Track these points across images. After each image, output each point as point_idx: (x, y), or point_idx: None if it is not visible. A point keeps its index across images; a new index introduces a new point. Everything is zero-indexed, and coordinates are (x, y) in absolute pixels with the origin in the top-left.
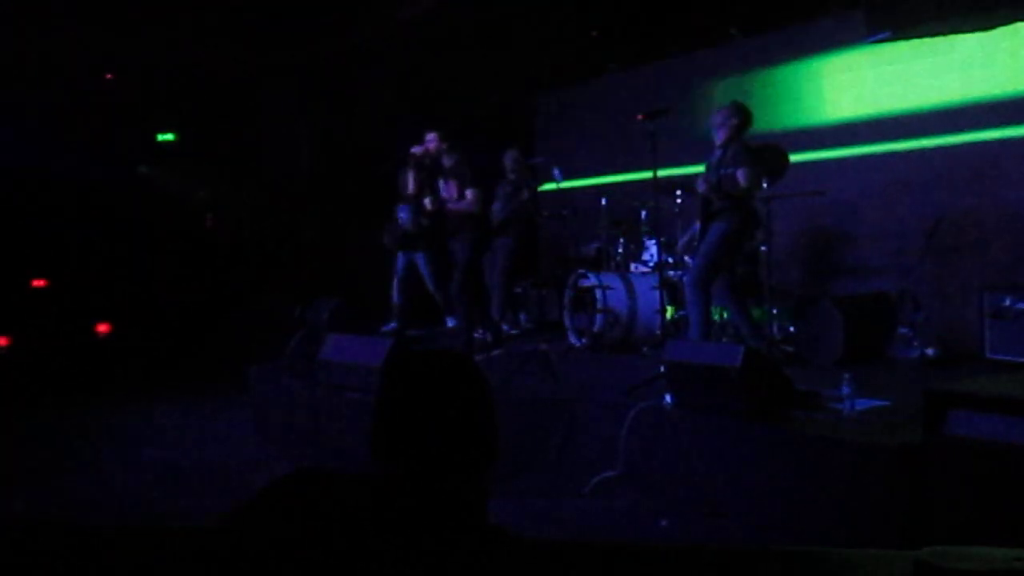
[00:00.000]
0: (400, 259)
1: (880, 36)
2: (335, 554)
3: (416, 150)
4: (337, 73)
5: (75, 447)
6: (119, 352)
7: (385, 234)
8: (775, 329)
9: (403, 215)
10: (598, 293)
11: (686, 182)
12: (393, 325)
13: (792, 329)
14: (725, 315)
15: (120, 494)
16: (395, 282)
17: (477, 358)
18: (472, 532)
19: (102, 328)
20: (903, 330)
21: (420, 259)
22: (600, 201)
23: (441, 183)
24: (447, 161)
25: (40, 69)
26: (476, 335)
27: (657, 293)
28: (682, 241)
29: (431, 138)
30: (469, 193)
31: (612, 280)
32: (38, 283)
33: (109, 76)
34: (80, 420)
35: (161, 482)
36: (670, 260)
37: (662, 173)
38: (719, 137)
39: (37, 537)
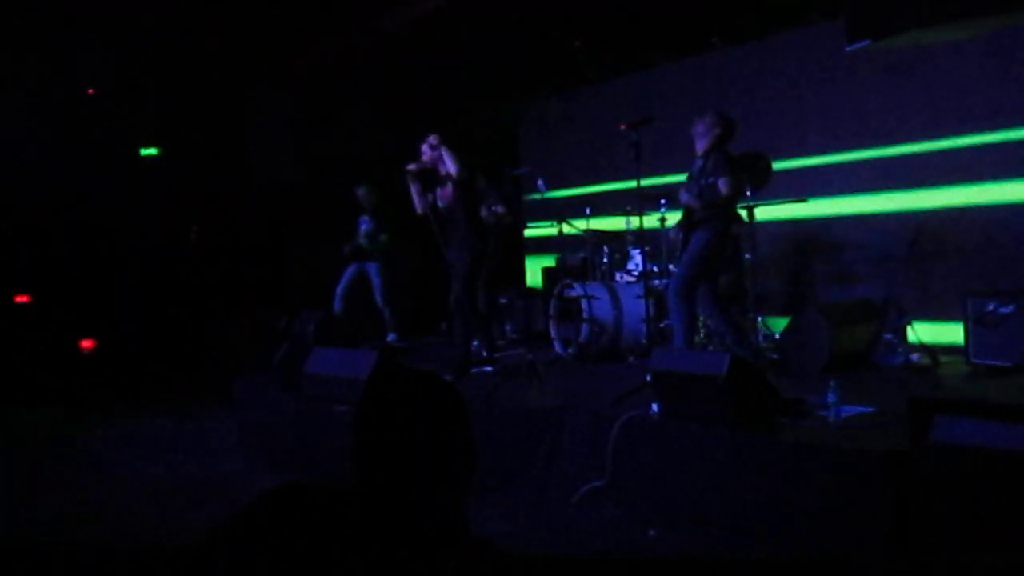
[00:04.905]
0: (350, 269)
1: (861, 44)
2: (322, 570)
3: (411, 166)
4: (322, 84)
5: (59, 463)
6: (104, 367)
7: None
8: (760, 337)
9: (363, 226)
10: (584, 303)
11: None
12: (393, 336)
13: (777, 336)
14: (709, 323)
15: (105, 510)
16: (339, 290)
17: (472, 371)
18: (459, 547)
19: (86, 344)
20: (888, 336)
21: (372, 269)
22: (585, 211)
23: (439, 192)
24: (443, 169)
25: (21, 84)
26: (472, 347)
27: (643, 302)
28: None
29: (425, 148)
30: (452, 167)
31: (598, 290)
32: (21, 299)
33: (91, 91)
34: (64, 436)
35: (146, 498)
36: (655, 269)
37: (646, 182)
38: (701, 146)
39: (21, 556)
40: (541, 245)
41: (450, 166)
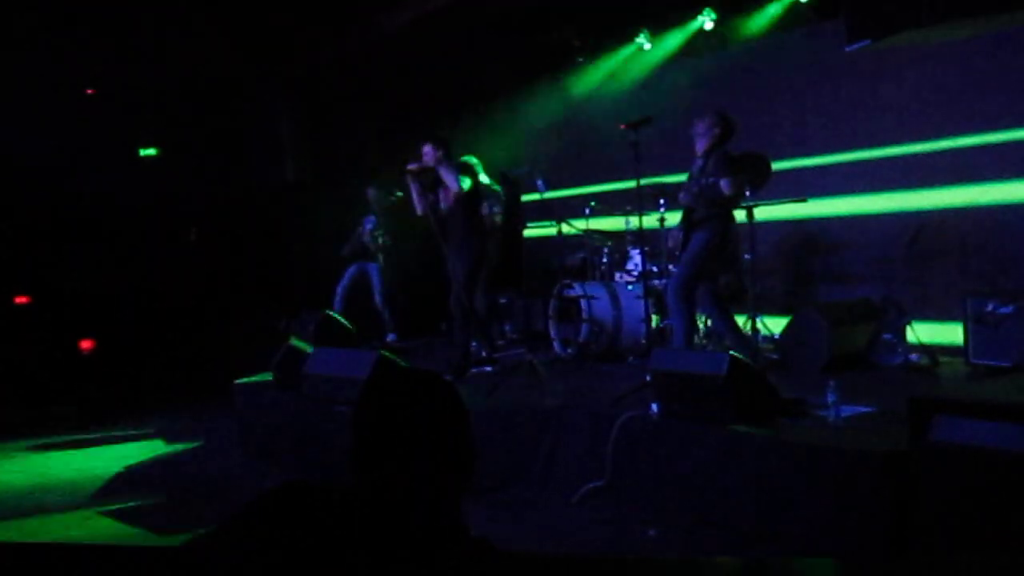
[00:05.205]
0: (351, 268)
1: (860, 44)
2: (322, 570)
3: (412, 166)
4: (321, 84)
5: (59, 464)
6: (103, 368)
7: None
8: (760, 337)
9: (368, 226)
10: (583, 303)
11: (670, 192)
12: (393, 336)
13: (777, 336)
14: (709, 323)
15: (105, 512)
16: (339, 290)
17: (472, 371)
18: (458, 547)
19: (86, 344)
20: (887, 336)
21: (373, 270)
22: (584, 211)
23: (441, 193)
24: (444, 170)
25: (20, 85)
26: (472, 348)
27: (642, 302)
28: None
29: (427, 150)
30: (451, 182)
31: (597, 290)
32: (21, 300)
33: (90, 91)
34: (64, 437)
35: (146, 499)
36: (655, 269)
37: (645, 182)
38: (701, 146)
39: (21, 556)
40: (541, 245)
41: (451, 183)
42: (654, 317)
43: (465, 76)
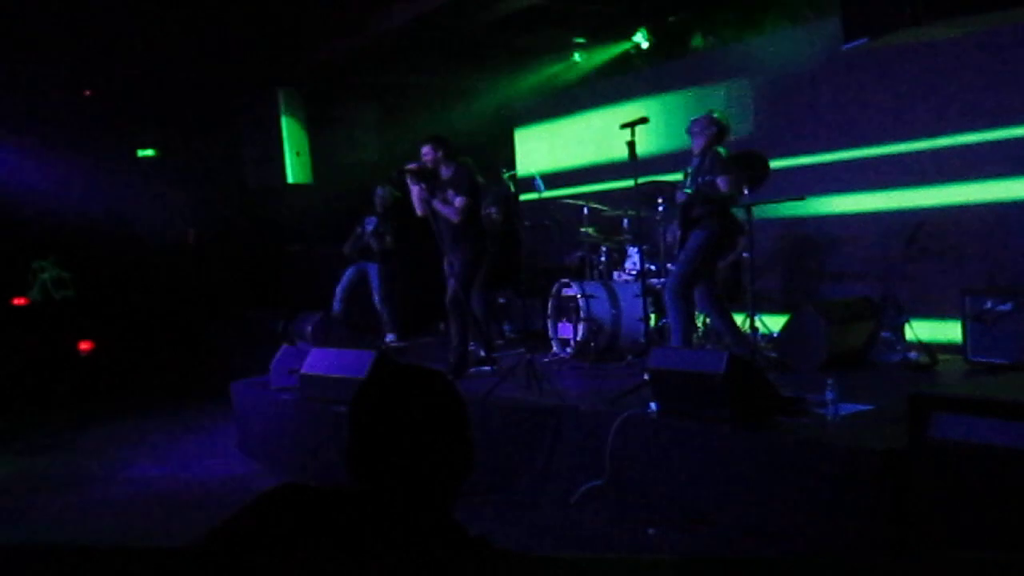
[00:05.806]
0: (350, 270)
1: (857, 43)
2: (319, 570)
3: (411, 166)
4: (321, 85)
5: (59, 465)
6: (102, 369)
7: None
8: (759, 335)
9: (369, 226)
10: (581, 302)
11: (668, 190)
12: (392, 337)
13: (775, 335)
14: (707, 321)
15: (103, 513)
16: (338, 291)
17: (471, 371)
18: (457, 547)
19: (85, 346)
20: (886, 334)
21: (372, 270)
22: (583, 210)
23: (438, 191)
24: (445, 172)
25: (18, 86)
26: (470, 348)
27: (640, 301)
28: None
29: (426, 150)
30: (457, 200)
31: (595, 289)
32: (19, 301)
33: (88, 92)
34: (63, 438)
35: (144, 500)
36: (653, 268)
37: (643, 181)
38: (697, 145)
39: (21, 556)
40: (540, 244)
41: (451, 213)
42: (652, 316)
43: (464, 76)
